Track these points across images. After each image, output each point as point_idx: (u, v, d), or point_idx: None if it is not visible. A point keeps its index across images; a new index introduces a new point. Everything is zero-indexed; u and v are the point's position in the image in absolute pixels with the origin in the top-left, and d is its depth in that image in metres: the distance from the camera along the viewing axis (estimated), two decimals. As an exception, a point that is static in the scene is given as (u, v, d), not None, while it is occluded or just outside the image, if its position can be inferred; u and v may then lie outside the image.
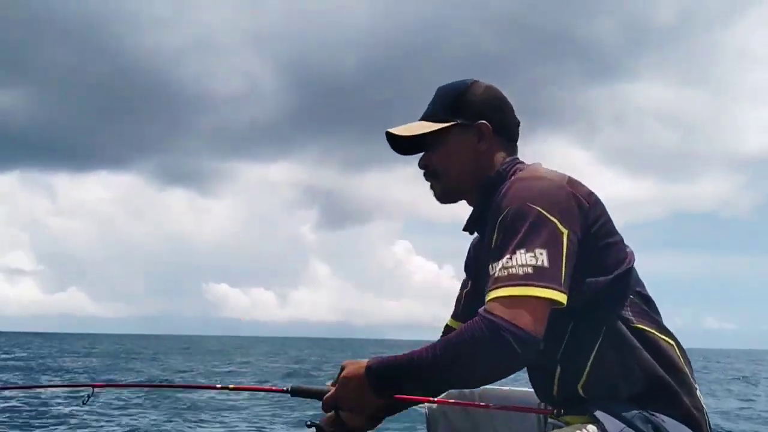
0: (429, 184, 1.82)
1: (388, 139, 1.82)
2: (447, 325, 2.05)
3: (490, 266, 1.52)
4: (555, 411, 1.67)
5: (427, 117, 1.79)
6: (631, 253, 1.69)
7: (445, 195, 1.80)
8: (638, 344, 1.59)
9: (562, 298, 1.47)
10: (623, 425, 1.52)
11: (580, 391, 1.61)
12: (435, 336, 1.87)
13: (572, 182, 1.62)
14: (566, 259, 1.50)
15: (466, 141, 1.75)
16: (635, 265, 1.69)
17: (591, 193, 1.62)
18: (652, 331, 1.63)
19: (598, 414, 1.54)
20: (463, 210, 1.85)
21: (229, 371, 21.34)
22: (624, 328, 1.60)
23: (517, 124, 1.83)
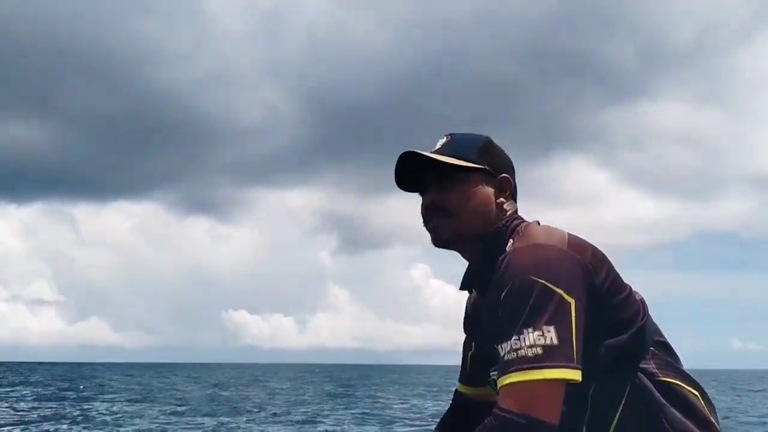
0: (430, 222, 1.70)
1: (400, 162, 1.71)
2: (456, 390, 1.98)
3: (500, 347, 1.48)
4: None
5: (447, 154, 1.69)
6: (642, 301, 1.64)
7: (451, 237, 1.69)
8: (664, 400, 1.55)
9: (575, 375, 1.42)
10: None
11: None
12: (456, 360, 1.92)
13: (573, 243, 1.56)
14: (576, 331, 1.44)
15: (487, 190, 1.69)
16: (650, 312, 1.64)
17: (594, 252, 1.57)
18: (678, 383, 1.59)
19: None
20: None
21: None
22: (649, 383, 1.56)
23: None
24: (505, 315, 1.49)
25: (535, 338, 1.42)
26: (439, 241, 1.70)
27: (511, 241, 1.62)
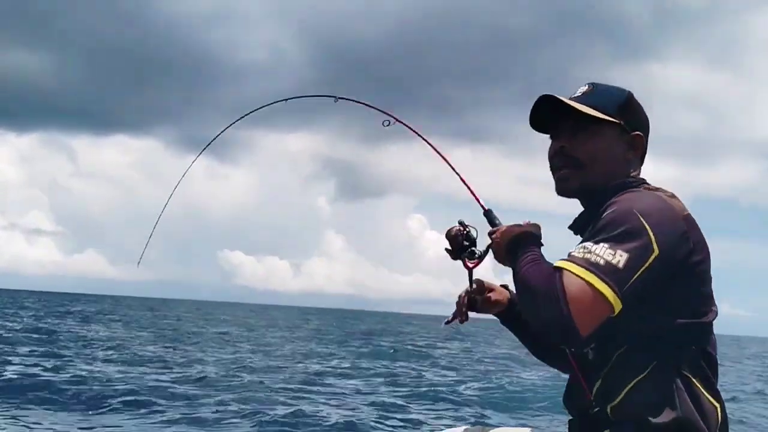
0: (558, 170, 1.76)
1: (538, 104, 1.77)
2: None
3: (576, 245, 1.55)
4: (593, 402, 1.66)
5: (586, 104, 1.72)
6: (716, 312, 1.64)
7: (579, 188, 1.75)
8: (684, 389, 1.57)
9: (616, 302, 1.46)
10: None
11: (608, 411, 1.61)
12: (448, 311, 2.00)
13: (689, 218, 1.59)
14: (642, 274, 1.48)
15: (620, 145, 1.73)
16: (715, 326, 1.64)
17: (701, 240, 1.60)
18: (700, 386, 1.59)
19: None
20: (485, 190, 1.87)
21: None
22: (674, 370, 1.57)
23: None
24: (595, 228, 1.56)
25: (606, 252, 1.48)
26: (565, 191, 1.77)
27: None
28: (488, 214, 1.89)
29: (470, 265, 1.90)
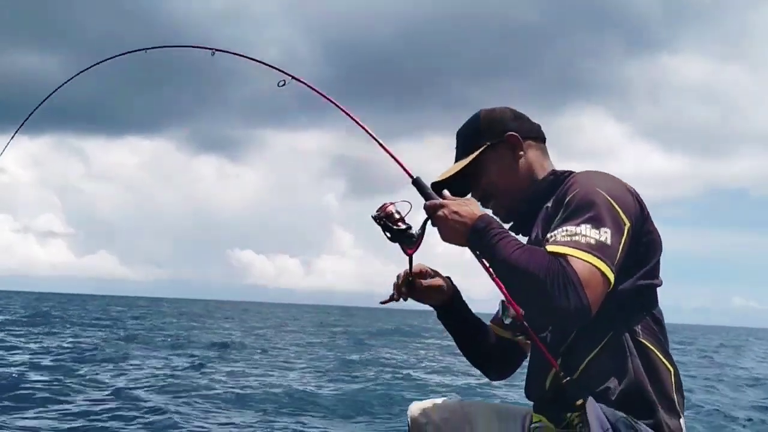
0: (492, 211, 1.85)
1: (435, 189, 1.80)
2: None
3: (549, 234, 1.56)
4: (563, 374, 1.65)
5: (460, 157, 1.86)
6: (661, 281, 1.72)
7: (509, 212, 1.84)
8: (638, 359, 1.63)
9: (612, 277, 1.49)
10: (608, 426, 1.55)
11: (569, 387, 1.64)
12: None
13: (635, 192, 1.68)
14: (623, 247, 1.54)
15: (503, 156, 1.82)
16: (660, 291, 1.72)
17: (648, 212, 1.69)
18: (655, 350, 1.66)
19: (587, 411, 1.57)
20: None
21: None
22: (629, 337, 1.64)
23: (539, 125, 1.89)
24: (566, 212, 1.57)
25: (592, 232, 1.50)
26: (503, 221, 1.81)
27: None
28: (417, 183, 1.79)
29: (410, 252, 1.78)
